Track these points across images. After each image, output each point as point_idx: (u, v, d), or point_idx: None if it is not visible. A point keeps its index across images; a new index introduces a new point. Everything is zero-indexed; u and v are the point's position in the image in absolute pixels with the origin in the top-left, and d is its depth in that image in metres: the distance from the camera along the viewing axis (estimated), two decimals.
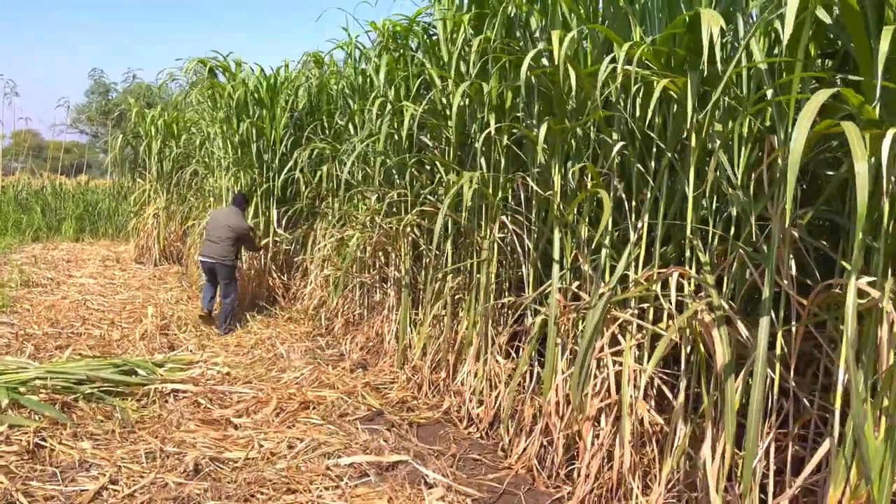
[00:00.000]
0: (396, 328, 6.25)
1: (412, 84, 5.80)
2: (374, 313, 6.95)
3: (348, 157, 7.06)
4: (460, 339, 5.21)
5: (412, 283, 6.15)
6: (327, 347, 7.15)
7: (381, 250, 6.78)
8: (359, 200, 7.20)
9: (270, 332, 7.66)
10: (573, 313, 4.01)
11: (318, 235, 8.33)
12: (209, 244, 8.06)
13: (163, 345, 6.85)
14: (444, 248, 5.41)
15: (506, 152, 4.75)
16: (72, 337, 7.14)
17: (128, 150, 14.97)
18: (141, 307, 8.82)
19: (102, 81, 18.38)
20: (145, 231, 13.38)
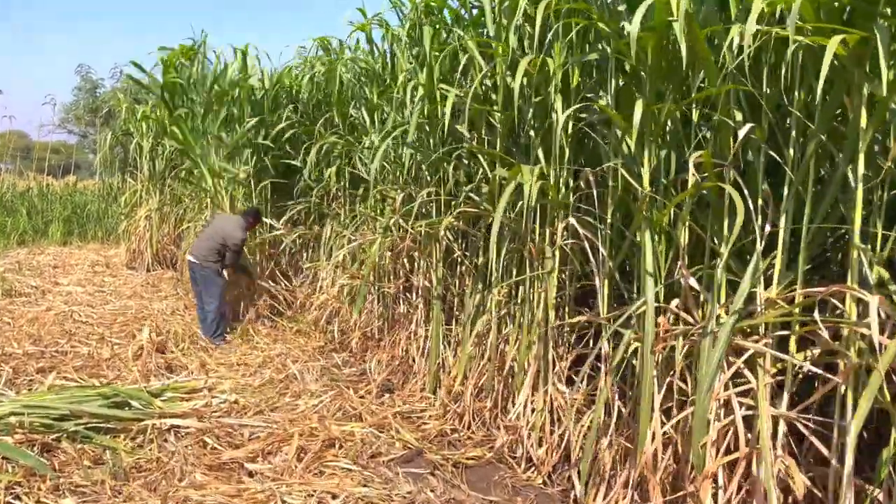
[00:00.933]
0: (428, 346, 5.45)
1: (445, 65, 4.99)
2: (396, 327, 6.14)
3: (368, 153, 6.26)
4: (510, 362, 4.41)
5: (444, 295, 5.35)
6: (345, 365, 6.33)
7: (406, 256, 5.98)
8: (377, 200, 6.38)
9: (279, 348, 6.83)
10: (675, 339, 3.22)
11: (328, 238, 7.51)
12: (197, 242, 7.30)
13: (159, 366, 6.02)
14: (490, 255, 4.61)
15: (571, 142, 3.95)
16: (56, 357, 6.30)
17: (117, 148, 14.08)
18: (133, 319, 7.97)
19: (90, 77, 17.47)
20: (137, 234, 12.50)
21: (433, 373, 5.23)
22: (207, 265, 7.06)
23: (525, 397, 4.15)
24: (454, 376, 4.89)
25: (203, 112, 8.08)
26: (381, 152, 4.87)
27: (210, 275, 7.11)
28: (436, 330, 5.25)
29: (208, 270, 7.08)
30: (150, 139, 11.78)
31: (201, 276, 7.13)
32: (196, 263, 7.09)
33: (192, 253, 7.17)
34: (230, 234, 7.04)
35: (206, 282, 7.13)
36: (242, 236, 7.11)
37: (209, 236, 7.19)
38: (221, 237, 7.06)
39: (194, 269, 7.14)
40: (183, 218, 11.62)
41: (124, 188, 13.51)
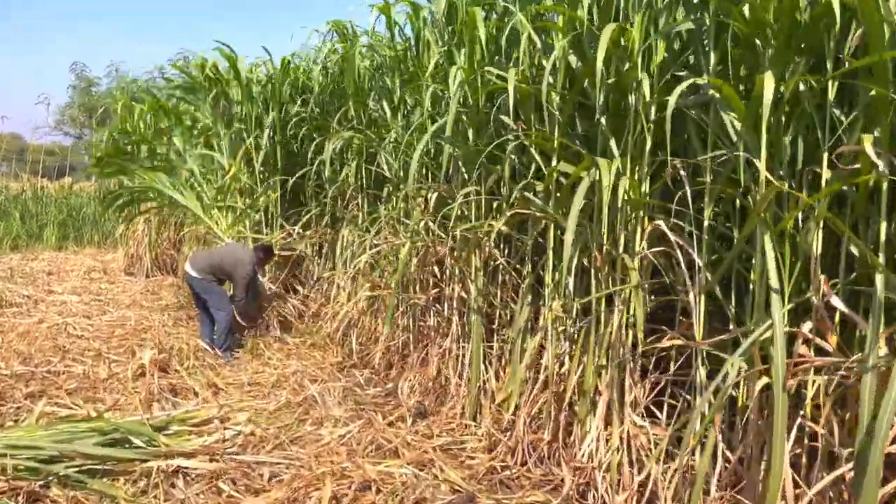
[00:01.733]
0: (466, 366, 4.80)
1: (486, 49, 4.33)
2: (425, 342, 5.49)
3: (393, 148, 5.60)
4: (573, 388, 3.76)
5: (484, 308, 4.70)
6: (368, 385, 5.68)
7: (436, 263, 5.33)
8: (404, 201, 5.72)
9: (294, 365, 6.17)
10: (806, 373, 2.57)
11: (345, 243, 6.85)
12: (199, 254, 6.71)
13: (162, 388, 5.35)
14: (562, 264, 3.96)
15: (653, 129, 3.30)
16: (48, 378, 5.63)
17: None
18: (133, 332, 7.31)
19: (85, 76, 16.73)
20: (135, 238, 11.85)
21: (473, 397, 4.58)
22: (203, 279, 6.44)
23: (596, 430, 3.50)
24: (501, 402, 4.24)
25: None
26: (421, 149, 4.19)
27: (210, 284, 6.47)
28: (476, 347, 4.60)
29: (205, 283, 6.46)
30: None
31: (201, 286, 6.50)
32: (193, 276, 6.46)
33: (192, 263, 6.53)
34: (239, 262, 6.42)
35: (207, 291, 6.50)
36: (251, 270, 6.48)
37: (215, 256, 6.58)
38: (229, 263, 6.44)
39: (192, 281, 6.51)
40: (184, 221, 10.97)
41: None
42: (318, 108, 7.32)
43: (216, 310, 6.50)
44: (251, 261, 6.51)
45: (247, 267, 6.44)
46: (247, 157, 7.55)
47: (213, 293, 6.50)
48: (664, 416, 3.51)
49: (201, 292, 6.54)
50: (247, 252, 6.60)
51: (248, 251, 6.62)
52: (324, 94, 7.28)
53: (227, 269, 6.48)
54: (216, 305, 6.50)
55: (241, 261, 6.46)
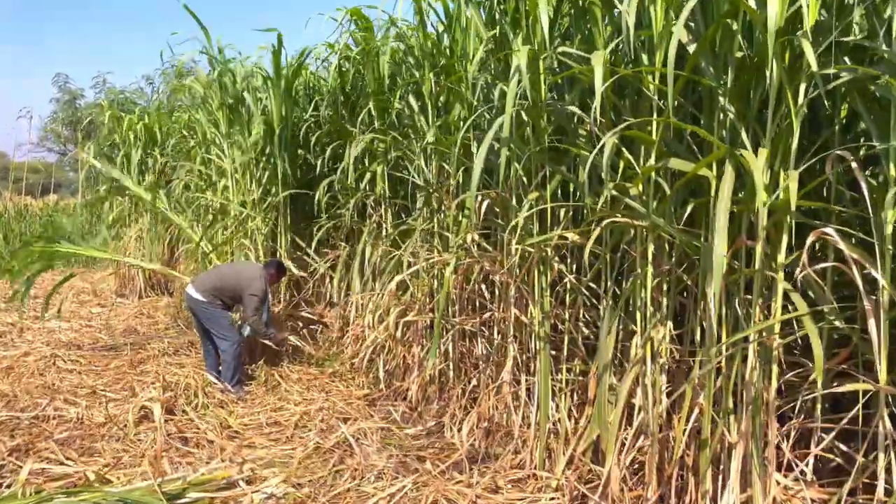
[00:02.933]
0: (530, 404, 4.06)
1: (549, 31, 3.61)
2: (472, 372, 4.75)
3: (429, 152, 4.88)
4: (684, 436, 3.03)
5: (547, 334, 3.97)
6: (405, 422, 4.93)
7: (484, 282, 4.59)
8: (439, 210, 4.99)
9: (317, 399, 5.40)
10: None
11: (369, 259, 6.10)
12: (203, 275, 5.98)
13: (171, 436, 4.58)
14: (642, 282, 3.24)
15: (804, 115, 2.58)
16: (36, 426, 4.84)
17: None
18: (130, 363, 6.51)
19: (68, 88, 15.86)
20: (127, 253, 10.99)
21: (542, 441, 3.84)
22: (208, 302, 5.66)
23: (732, 493, 2.77)
24: (584, 450, 3.51)
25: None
26: (483, 153, 3.43)
27: (213, 311, 5.70)
28: (543, 381, 3.86)
29: (209, 307, 5.68)
30: (139, 150, 10.29)
31: (204, 312, 5.72)
32: (196, 299, 5.68)
33: (195, 285, 5.76)
34: (249, 280, 5.66)
35: (212, 319, 5.72)
36: (263, 287, 5.71)
37: (221, 275, 5.83)
38: (238, 282, 5.68)
39: (195, 306, 5.73)
40: (179, 238, 10.17)
41: (111, 207, 11.99)
42: (332, 111, 6.56)
43: (221, 339, 5.72)
44: (262, 276, 5.75)
45: (257, 284, 5.67)
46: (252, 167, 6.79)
47: (217, 320, 5.72)
48: (810, 471, 2.79)
49: (204, 319, 5.76)
50: (257, 269, 5.83)
51: (259, 268, 5.86)
52: (336, 95, 6.52)
53: (236, 289, 5.71)
54: (221, 334, 5.72)
55: (251, 278, 5.70)
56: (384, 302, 5.53)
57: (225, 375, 5.70)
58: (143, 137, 10.36)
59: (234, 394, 5.62)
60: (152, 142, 10.43)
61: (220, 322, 5.72)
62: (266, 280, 5.79)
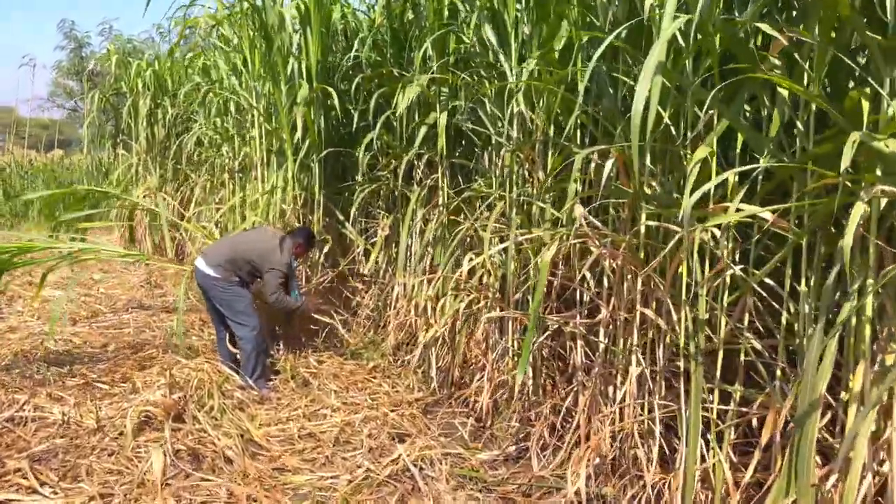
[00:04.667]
0: (661, 437, 2.96)
1: None
2: (569, 385, 3.66)
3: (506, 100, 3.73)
4: None
5: (699, 348, 2.85)
6: (474, 438, 3.86)
7: (588, 270, 3.47)
8: (529, 174, 3.84)
9: (361, 404, 4.32)
10: None
11: (415, 233, 4.98)
12: (214, 246, 4.87)
13: (179, 454, 3.51)
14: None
15: None
16: (8, 431, 3.79)
17: (105, 115, 11.36)
18: (131, 346, 5.46)
19: (74, 35, 14.60)
20: (133, 219, 9.90)
21: (689, 492, 2.75)
22: (222, 278, 4.57)
23: None
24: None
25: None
26: (649, 79, 2.26)
27: (230, 288, 4.61)
28: (694, 412, 2.75)
29: (224, 284, 4.58)
30: (147, 99, 9.12)
31: (217, 291, 4.63)
32: (207, 274, 4.58)
33: (206, 257, 4.66)
34: (269, 251, 4.59)
35: (226, 300, 4.63)
36: (287, 259, 4.61)
37: (236, 245, 4.72)
38: (258, 252, 4.58)
39: (206, 283, 4.63)
40: (190, 199, 9.06)
41: (116, 163, 10.86)
42: (377, 52, 5.38)
43: (238, 325, 4.63)
44: (287, 248, 4.65)
45: (280, 256, 4.58)
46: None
47: (233, 301, 4.62)
48: None
49: (218, 300, 4.66)
50: (280, 238, 4.73)
51: (282, 237, 4.75)
52: (382, 33, 5.33)
53: (255, 261, 4.61)
54: (238, 318, 4.63)
55: (272, 249, 4.60)
56: (442, 286, 4.42)
57: (245, 368, 4.63)
58: (152, 85, 9.18)
59: (257, 389, 4.56)
60: (162, 91, 9.26)
61: (237, 303, 4.63)
62: (291, 252, 4.69)
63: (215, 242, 4.73)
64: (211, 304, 4.77)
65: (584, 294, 3.47)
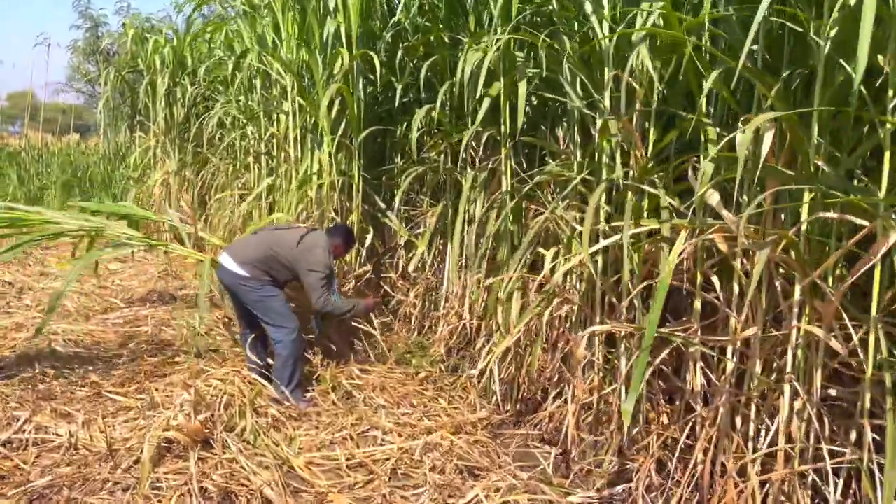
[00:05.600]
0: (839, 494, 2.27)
1: None
2: (682, 416, 2.97)
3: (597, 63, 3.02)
4: None
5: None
6: (560, 474, 3.18)
7: (715, 270, 2.76)
8: (629, 152, 3.12)
9: (418, 425, 3.65)
10: None
11: (466, 222, 4.30)
12: (242, 242, 4.13)
13: (207, 494, 2.86)
14: None
15: None
16: (5, 457, 3.16)
17: (119, 96, 10.70)
18: (149, 348, 4.83)
19: (90, 13, 13.99)
20: (151, 204, 9.27)
21: None
22: (253, 277, 3.89)
23: None
24: None
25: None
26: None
27: (262, 289, 3.94)
28: (890, 463, 2.05)
29: (254, 284, 3.91)
30: (166, 78, 8.45)
31: (247, 293, 3.96)
32: (236, 273, 3.91)
33: (233, 254, 3.98)
34: (307, 250, 3.94)
35: (259, 302, 3.96)
36: (327, 260, 3.95)
37: (268, 245, 4.00)
38: (292, 256, 3.93)
39: (234, 283, 3.96)
40: (211, 183, 8.41)
41: (133, 146, 10.21)
42: (428, 16, 4.67)
43: (275, 328, 3.97)
44: (325, 246, 3.99)
45: (320, 255, 3.92)
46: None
47: (269, 303, 3.96)
48: None
49: (250, 302, 3.99)
50: (317, 236, 4.06)
51: (319, 235, 4.08)
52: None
53: (289, 262, 3.94)
54: (274, 321, 3.96)
55: (311, 247, 3.94)
56: (509, 286, 3.73)
57: (279, 376, 3.97)
58: (170, 63, 8.50)
59: (294, 401, 3.91)
60: (182, 68, 8.59)
61: (272, 303, 3.97)
62: (330, 251, 4.02)
63: (242, 238, 4.04)
64: (239, 306, 4.12)
65: (699, 301, 2.77)
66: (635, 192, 3.15)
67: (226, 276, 3.99)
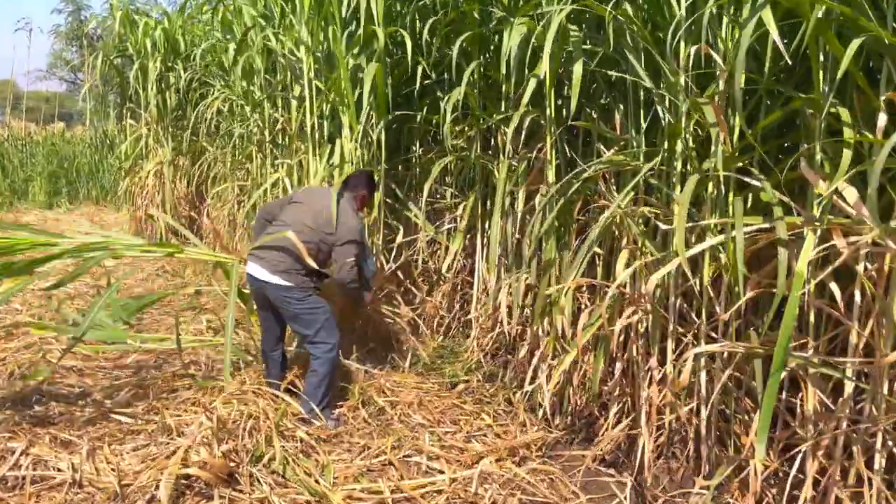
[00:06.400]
0: None
1: None
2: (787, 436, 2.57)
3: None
4: None
5: None
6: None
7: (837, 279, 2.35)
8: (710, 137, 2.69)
9: (466, 447, 3.23)
10: None
11: (499, 218, 3.86)
12: (272, 248, 3.47)
13: None
14: None
15: None
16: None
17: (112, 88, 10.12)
18: (156, 355, 4.37)
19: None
20: (144, 196, 8.73)
21: None
22: (296, 286, 3.40)
23: None
24: None
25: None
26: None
27: (305, 304, 3.45)
28: None
29: (299, 295, 3.42)
30: (157, 62, 7.90)
31: (287, 305, 3.44)
32: (276, 285, 3.40)
33: (266, 262, 3.43)
34: (335, 219, 3.41)
35: (301, 318, 3.46)
36: (358, 224, 3.49)
37: (295, 231, 3.46)
38: (320, 228, 3.42)
39: (273, 293, 3.43)
40: (207, 174, 7.91)
41: (123, 134, 9.63)
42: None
43: (316, 344, 3.45)
44: (352, 209, 3.53)
45: (351, 222, 3.46)
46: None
47: (312, 314, 3.43)
48: None
49: (290, 315, 3.47)
50: (343, 203, 3.53)
51: (341, 200, 3.55)
52: None
53: (315, 242, 3.44)
54: (317, 336, 3.44)
55: (343, 211, 3.46)
56: (564, 293, 3.30)
57: (312, 395, 3.47)
58: (162, 47, 7.95)
59: (323, 423, 3.46)
60: (174, 52, 8.04)
61: (317, 317, 3.43)
62: (357, 210, 3.56)
63: (270, 238, 3.51)
64: (270, 317, 3.61)
65: (826, 313, 2.36)
66: (716, 185, 2.74)
67: (261, 287, 3.47)
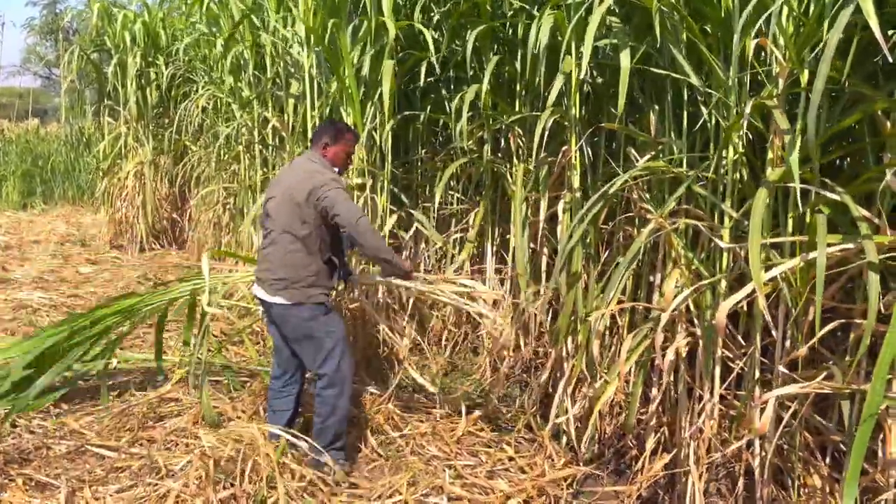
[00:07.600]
0: None
1: None
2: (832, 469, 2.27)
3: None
4: None
5: None
6: None
7: None
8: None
9: (489, 486, 2.89)
10: None
11: (515, 228, 3.53)
12: (267, 265, 3.00)
13: None
14: None
15: None
16: None
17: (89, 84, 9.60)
18: (138, 382, 3.96)
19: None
20: (124, 198, 8.26)
21: None
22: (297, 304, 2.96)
23: None
24: None
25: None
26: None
27: (312, 323, 2.97)
28: None
29: (308, 312, 2.98)
30: (137, 57, 7.44)
31: (294, 322, 2.96)
32: (280, 304, 2.93)
33: (265, 284, 2.97)
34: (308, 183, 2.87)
35: (307, 336, 2.97)
36: (332, 175, 2.96)
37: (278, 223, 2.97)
38: (297, 201, 2.88)
39: (280, 312, 2.97)
40: (191, 175, 7.50)
41: (100, 133, 9.12)
42: None
43: (323, 373, 2.99)
44: (321, 164, 3.00)
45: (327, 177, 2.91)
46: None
47: (319, 333, 2.94)
48: None
49: (294, 337, 3.01)
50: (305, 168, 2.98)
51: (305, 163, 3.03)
52: None
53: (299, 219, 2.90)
54: (324, 362, 2.95)
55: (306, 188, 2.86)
56: (604, 316, 2.97)
57: (322, 436, 2.99)
58: (142, 41, 7.49)
59: (334, 460, 3.02)
60: (155, 47, 7.58)
61: (323, 342, 2.96)
62: (327, 160, 3.05)
63: (261, 254, 3.06)
64: (276, 329, 3.17)
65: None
66: (772, 196, 2.43)
67: (269, 310, 3.05)
